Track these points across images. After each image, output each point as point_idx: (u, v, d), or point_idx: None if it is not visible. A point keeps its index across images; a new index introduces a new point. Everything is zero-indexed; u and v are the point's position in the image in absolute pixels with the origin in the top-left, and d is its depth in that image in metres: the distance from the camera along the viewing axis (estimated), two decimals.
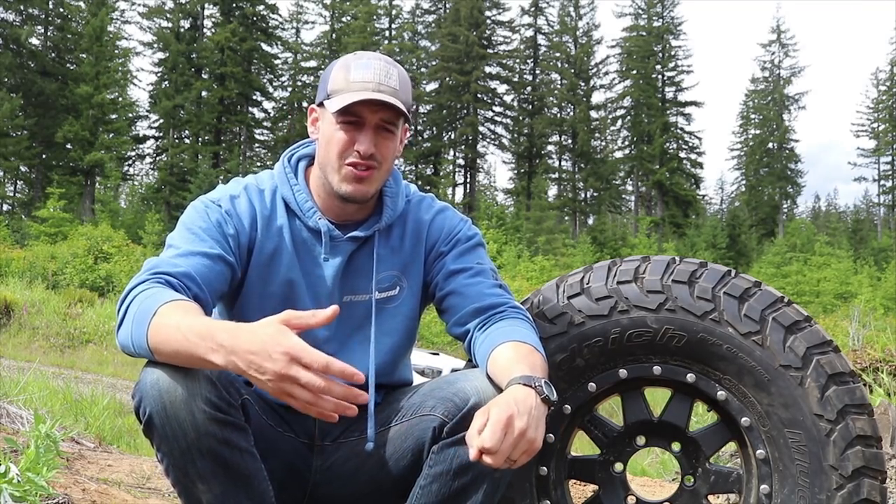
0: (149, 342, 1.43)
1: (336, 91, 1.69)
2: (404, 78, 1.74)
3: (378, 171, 1.72)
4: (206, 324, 1.39)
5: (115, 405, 5.77)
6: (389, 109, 1.68)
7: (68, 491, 2.50)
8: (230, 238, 1.69)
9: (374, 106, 1.68)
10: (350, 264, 1.78)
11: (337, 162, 1.71)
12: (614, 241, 40.74)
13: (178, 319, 1.40)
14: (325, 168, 1.74)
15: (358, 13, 47.98)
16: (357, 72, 1.69)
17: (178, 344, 1.39)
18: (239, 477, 1.49)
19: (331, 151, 1.71)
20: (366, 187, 1.72)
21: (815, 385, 1.70)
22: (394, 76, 1.70)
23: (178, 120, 43.94)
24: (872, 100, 53.92)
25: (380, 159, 1.71)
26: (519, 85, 51.88)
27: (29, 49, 41.28)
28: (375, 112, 1.69)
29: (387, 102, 1.66)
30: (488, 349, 1.63)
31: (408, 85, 1.75)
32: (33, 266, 20.56)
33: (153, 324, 1.42)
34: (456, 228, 1.85)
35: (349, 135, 1.69)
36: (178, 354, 1.40)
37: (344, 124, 1.70)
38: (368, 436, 1.69)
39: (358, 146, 1.68)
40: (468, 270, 1.79)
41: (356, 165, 1.69)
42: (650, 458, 5.23)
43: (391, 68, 1.71)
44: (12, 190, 44.27)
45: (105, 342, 14.16)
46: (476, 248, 1.85)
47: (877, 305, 26.00)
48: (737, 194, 57.81)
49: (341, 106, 1.66)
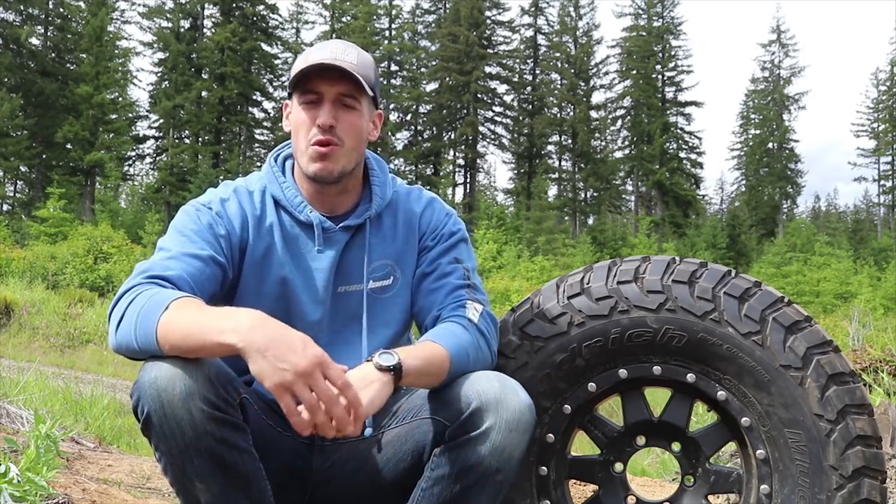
0: (157, 333, 1.43)
1: (296, 77, 1.72)
2: (365, 58, 1.75)
3: (341, 147, 1.72)
4: (224, 308, 1.46)
5: (115, 405, 5.77)
6: (347, 81, 1.69)
7: (68, 491, 2.50)
8: (221, 240, 1.70)
9: (329, 79, 1.69)
10: (344, 255, 1.78)
11: (304, 142, 1.73)
12: (614, 241, 40.71)
13: (193, 309, 1.44)
14: (297, 154, 1.77)
15: (358, 13, 47.93)
16: (314, 53, 1.72)
17: (188, 329, 1.41)
18: (237, 476, 1.49)
19: (298, 134, 1.74)
20: (331, 164, 1.72)
21: (816, 385, 1.70)
22: (352, 54, 1.72)
23: (178, 120, 43.92)
24: (872, 100, 53.91)
25: (341, 134, 1.71)
26: (519, 85, 51.87)
27: (29, 49, 41.25)
28: (332, 85, 1.70)
29: (343, 72, 1.67)
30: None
31: (369, 65, 1.75)
32: (33, 266, 20.55)
33: (164, 317, 1.43)
34: (442, 223, 1.85)
35: (311, 113, 1.72)
36: (186, 339, 1.41)
37: (305, 105, 1.72)
38: (367, 421, 1.69)
39: (318, 119, 1.70)
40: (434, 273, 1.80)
41: (319, 143, 1.71)
42: (650, 458, 5.22)
43: (349, 48, 1.74)
44: (12, 190, 44.24)
45: (105, 342, 14.14)
46: (457, 245, 1.85)
47: (877, 305, 26.00)
48: (737, 194, 57.80)
49: (296, 79, 1.69)
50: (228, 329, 1.37)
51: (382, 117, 1.86)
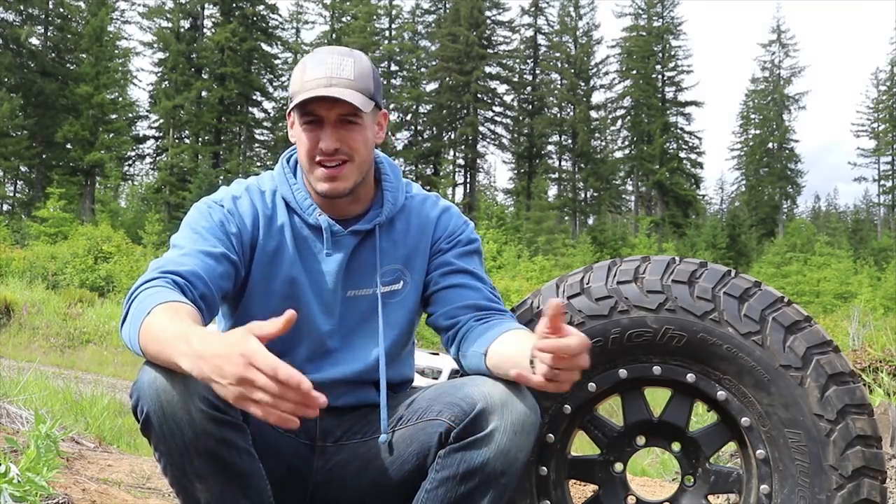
0: (140, 341, 1.43)
1: (295, 93, 1.71)
2: (362, 65, 1.73)
3: (351, 163, 1.72)
4: (184, 328, 1.36)
5: (115, 405, 5.77)
6: (345, 104, 1.68)
7: (68, 491, 2.50)
8: (233, 237, 1.71)
9: (327, 102, 1.68)
10: (353, 259, 1.79)
11: (308, 163, 1.73)
12: (614, 241, 40.73)
13: (165, 321, 1.39)
14: (303, 167, 1.77)
15: (358, 13, 47.95)
16: (310, 70, 1.70)
17: (158, 345, 1.39)
18: (237, 476, 1.49)
19: (301, 153, 1.75)
20: (341, 183, 1.72)
21: (815, 385, 1.70)
22: (347, 67, 1.70)
23: (178, 120, 43.92)
24: (872, 100, 53.93)
25: (348, 151, 1.71)
26: (519, 85, 51.87)
27: (29, 49, 41.26)
28: (331, 108, 1.69)
29: (337, 98, 1.66)
30: (499, 331, 1.64)
31: (367, 71, 1.73)
32: (33, 266, 20.56)
33: (144, 323, 1.42)
34: (459, 229, 1.86)
35: (313, 134, 1.71)
36: (158, 354, 1.40)
37: (306, 125, 1.71)
38: (382, 427, 1.69)
39: (321, 144, 1.70)
40: (469, 272, 1.81)
41: (324, 164, 1.71)
42: (650, 458, 5.23)
43: (345, 59, 1.71)
44: (12, 190, 44.26)
45: (105, 342, 14.16)
46: (474, 255, 1.86)
47: (877, 305, 26.02)
48: (737, 194, 57.81)
49: (295, 105, 1.69)
50: (180, 353, 1.33)
51: (388, 117, 1.86)
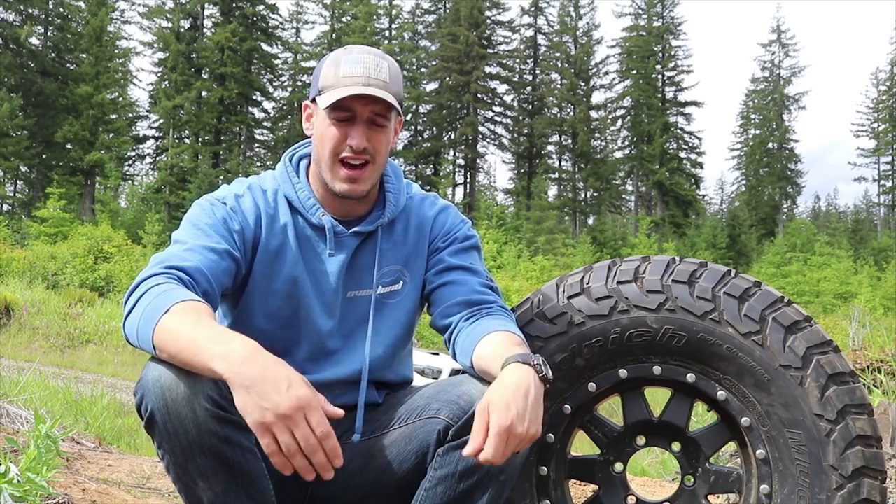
0: (154, 339, 1.43)
1: (327, 87, 1.71)
2: (395, 70, 1.75)
3: (373, 164, 1.73)
4: (219, 330, 1.39)
5: (115, 405, 5.78)
6: (380, 103, 1.69)
7: (68, 491, 2.50)
8: (235, 234, 1.71)
9: (364, 99, 1.68)
10: (354, 260, 1.79)
11: (330, 159, 1.73)
12: (614, 241, 40.73)
13: (192, 321, 1.40)
14: (321, 164, 1.76)
15: (358, 13, 47.93)
16: (347, 67, 1.70)
17: (182, 344, 1.39)
18: (240, 475, 1.49)
19: (325, 147, 1.73)
20: (361, 185, 1.74)
21: (815, 385, 1.70)
22: (384, 69, 1.72)
23: (178, 120, 43.90)
24: (872, 100, 53.95)
25: (373, 152, 1.72)
26: (519, 85, 51.87)
27: (29, 49, 41.23)
28: (366, 105, 1.69)
29: (377, 96, 1.67)
30: (478, 336, 1.65)
31: (398, 77, 1.75)
32: (33, 266, 20.57)
33: (162, 321, 1.42)
34: (455, 227, 1.87)
35: (341, 130, 1.71)
36: (179, 353, 1.40)
37: (336, 120, 1.71)
38: (356, 427, 1.71)
39: (350, 140, 1.70)
40: (462, 268, 1.81)
41: (350, 162, 1.71)
42: (650, 458, 5.23)
43: (381, 61, 1.72)
44: (12, 190, 44.25)
45: (105, 342, 14.15)
46: (471, 250, 1.86)
47: (877, 305, 26.01)
48: (737, 194, 57.81)
49: (332, 101, 1.68)
50: (219, 356, 1.35)
51: (402, 123, 1.87)
